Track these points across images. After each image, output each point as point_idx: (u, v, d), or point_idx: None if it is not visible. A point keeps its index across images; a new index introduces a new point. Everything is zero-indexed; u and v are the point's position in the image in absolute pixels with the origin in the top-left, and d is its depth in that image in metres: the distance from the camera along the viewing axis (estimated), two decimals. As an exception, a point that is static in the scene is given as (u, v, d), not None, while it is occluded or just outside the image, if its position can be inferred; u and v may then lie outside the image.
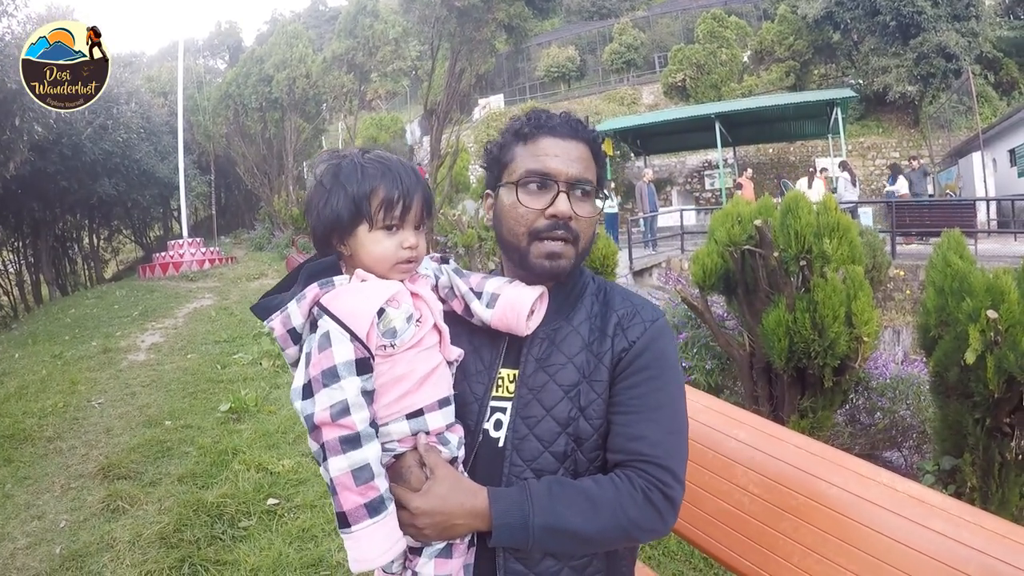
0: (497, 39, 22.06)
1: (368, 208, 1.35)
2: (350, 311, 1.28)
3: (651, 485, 1.35)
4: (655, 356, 1.45)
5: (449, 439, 1.40)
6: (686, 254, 15.66)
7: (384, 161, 1.40)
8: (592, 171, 1.50)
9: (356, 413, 1.25)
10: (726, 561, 1.85)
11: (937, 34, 24.36)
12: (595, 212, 1.50)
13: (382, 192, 1.35)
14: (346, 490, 1.24)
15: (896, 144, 26.71)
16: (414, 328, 1.36)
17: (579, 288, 1.57)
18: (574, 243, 1.46)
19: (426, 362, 1.38)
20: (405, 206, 1.36)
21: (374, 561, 1.25)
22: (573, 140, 1.48)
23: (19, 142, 14.02)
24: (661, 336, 1.49)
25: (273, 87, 25.56)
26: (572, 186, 1.45)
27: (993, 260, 9.57)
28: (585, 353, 1.46)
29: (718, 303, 5.15)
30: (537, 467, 1.41)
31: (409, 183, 1.38)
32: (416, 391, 1.36)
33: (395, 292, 1.35)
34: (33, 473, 5.14)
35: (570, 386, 1.44)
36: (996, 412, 2.97)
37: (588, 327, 1.50)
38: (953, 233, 3.39)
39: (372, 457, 1.26)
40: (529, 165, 1.46)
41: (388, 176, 1.37)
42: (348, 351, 1.26)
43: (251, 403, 6.46)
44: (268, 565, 3.58)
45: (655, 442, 1.38)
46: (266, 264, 21.12)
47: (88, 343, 10.45)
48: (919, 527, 1.49)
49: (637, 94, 36.05)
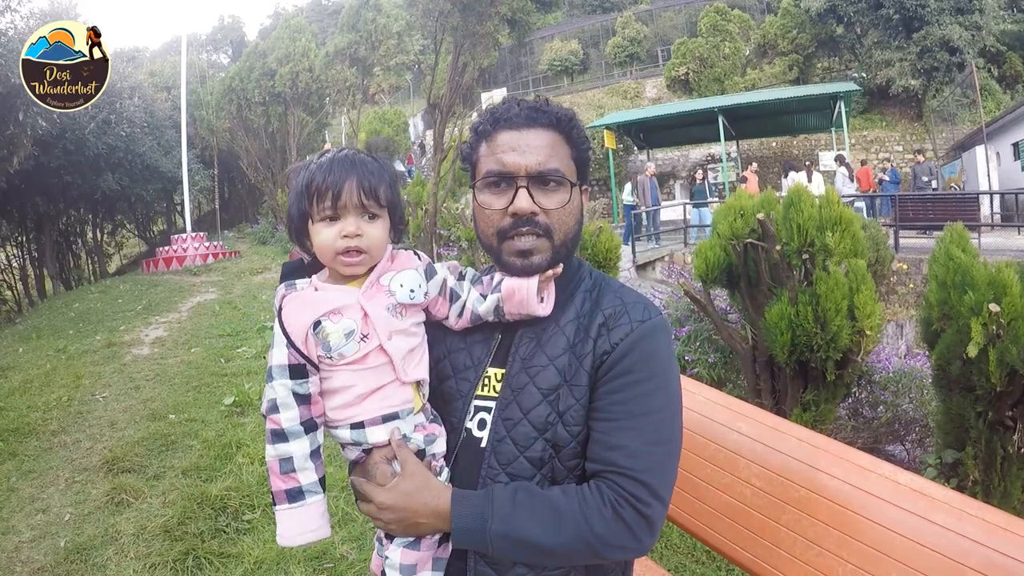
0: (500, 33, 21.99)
1: (308, 202, 1.37)
2: (289, 320, 1.35)
3: (622, 499, 1.28)
4: (640, 358, 1.37)
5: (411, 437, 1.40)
6: (689, 248, 15.64)
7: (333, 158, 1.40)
8: (560, 157, 1.43)
9: (283, 412, 1.34)
10: (728, 554, 1.85)
11: (940, 28, 24.27)
12: (567, 201, 1.42)
13: (313, 185, 1.36)
14: (272, 474, 1.37)
15: (899, 138, 26.65)
16: (356, 345, 1.35)
17: (572, 285, 1.51)
18: (547, 236, 1.41)
19: (369, 380, 1.38)
20: (335, 194, 1.35)
21: (291, 540, 1.36)
22: (531, 128, 1.42)
23: (23, 137, 14.02)
24: (650, 337, 1.40)
25: (276, 81, 25.52)
26: (533, 179, 1.40)
27: (996, 254, 9.57)
28: (568, 355, 1.40)
29: (721, 296, 5.15)
30: (512, 471, 1.37)
31: (339, 172, 1.37)
32: (356, 404, 1.38)
33: (338, 305, 1.36)
34: (37, 467, 5.16)
35: (549, 389, 1.39)
36: (998, 406, 2.97)
37: (575, 327, 1.43)
38: (956, 226, 3.39)
39: (296, 452, 1.35)
40: (489, 164, 1.43)
41: (322, 169, 1.38)
42: (283, 355, 1.35)
43: (255, 396, 6.48)
44: (272, 558, 3.60)
45: (632, 453, 1.31)
46: (269, 258, 21.11)
47: (92, 337, 10.46)
48: (921, 520, 1.49)
49: (640, 88, 35.99)
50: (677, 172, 29.78)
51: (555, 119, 1.43)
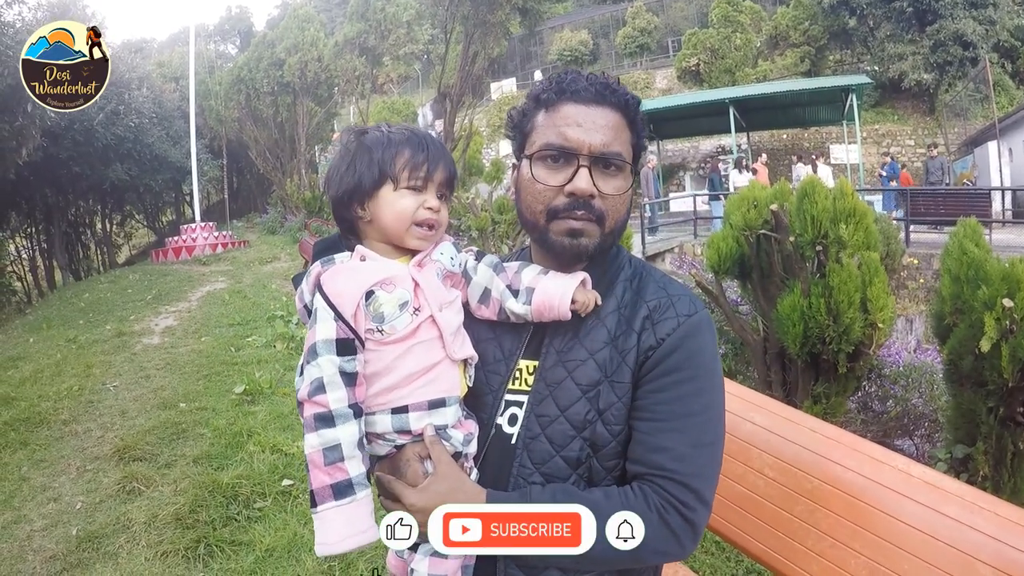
0: (511, 22, 21.97)
1: (393, 169, 1.34)
2: (337, 291, 1.27)
3: (668, 504, 1.22)
4: (687, 356, 1.29)
5: (452, 435, 1.33)
6: (699, 239, 15.60)
7: (411, 129, 1.39)
8: (622, 141, 1.34)
9: (331, 392, 1.23)
10: (740, 544, 1.85)
11: (954, 22, 24.15)
12: (624, 188, 1.34)
13: (407, 153, 1.34)
14: (315, 468, 1.23)
15: (911, 132, 26.55)
16: (409, 316, 1.29)
17: (612, 273, 1.42)
18: (599, 222, 1.32)
19: (419, 357, 1.31)
20: (430, 169, 1.34)
21: (334, 546, 1.23)
22: (599, 106, 1.32)
23: (31, 128, 14.07)
24: (697, 333, 1.31)
25: (285, 71, 25.54)
26: (596, 159, 1.30)
27: (1008, 250, 9.50)
28: (609, 349, 1.32)
29: (732, 288, 5.14)
30: (547, 471, 1.30)
31: (435, 150, 1.37)
32: (404, 386, 1.30)
33: (391, 275, 1.31)
34: (49, 456, 5.18)
35: (589, 385, 1.30)
36: (1010, 401, 2.96)
37: (616, 319, 1.34)
38: (969, 221, 3.36)
39: (345, 438, 1.23)
40: (548, 136, 1.33)
41: (414, 139, 1.36)
42: (330, 330, 1.25)
43: (265, 385, 6.50)
44: (283, 545, 3.61)
45: (679, 456, 1.24)
46: (279, 248, 21.16)
47: (102, 327, 10.51)
48: (933, 512, 1.49)
49: (650, 78, 35.88)
50: (687, 163, 29.71)
51: (624, 101, 1.35)
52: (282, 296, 12.34)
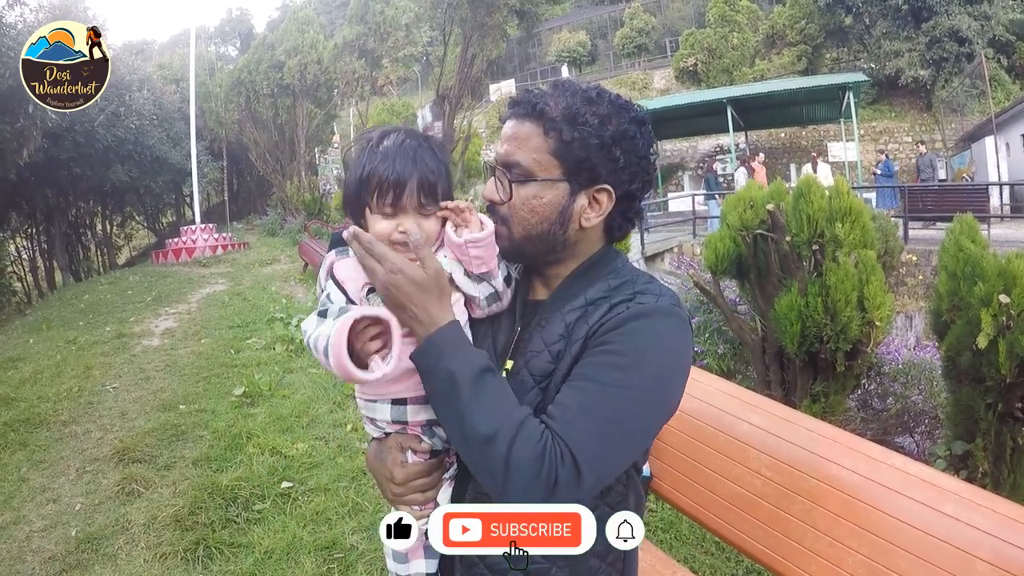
0: (508, 24, 21.96)
1: (366, 192, 1.35)
2: (348, 277, 1.33)
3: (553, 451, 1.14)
4: (623, 333, 1.25)
5: (437, 432, 1.37)
6: (698, 239, 15.61)
7: (395, 146, 1.36)
8: (528, 149, 1.35)
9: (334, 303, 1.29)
10: (738, 544, 1.85)
11: (949, 18, 24.14)
12: (532, 195, 1.36)
13: (375, 179, 1.33)
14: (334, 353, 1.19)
15: (908, 128, 26.55)
16: None
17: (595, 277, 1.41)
18: (506, 225, 1.38)
19: None
20: (396, 193, 1.32)
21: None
22: (512, 119, 1.40)
23: (32, 129, 14.07)
24: (644, 317, 1.27)
25: (285, 73, 25.56)
26: (501, 169, 1.38)
27: (1006, 245, 9.49)
28: (563, 341, 1.32)
29: (730, 287, 5.14)
30: None
31: (402, 170, 1.32)
32: (404, 380, 1.33)
33: None
34: (48, 457, 5.18)
35: (541, 376, 1.31)
36: (1008, 397, 2.96)
37: (577, 315, 1.34)
38: (966, 217, 3.37)
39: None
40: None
41: (385, 162, 1.33)
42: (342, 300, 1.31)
43: (265, 387, 6.50)
44: (282, 548, 3.61)
45: (567, 412, 1.19)
46: (279, 250, 21.16)
47: (102, 328, 10.51)
48: (931, 510, 1.49)
49: (648, 79, 35.91)
50: (686, 163, 29.72)
51: (531, 108, 1.36)
52: (282, 298, 12.36)
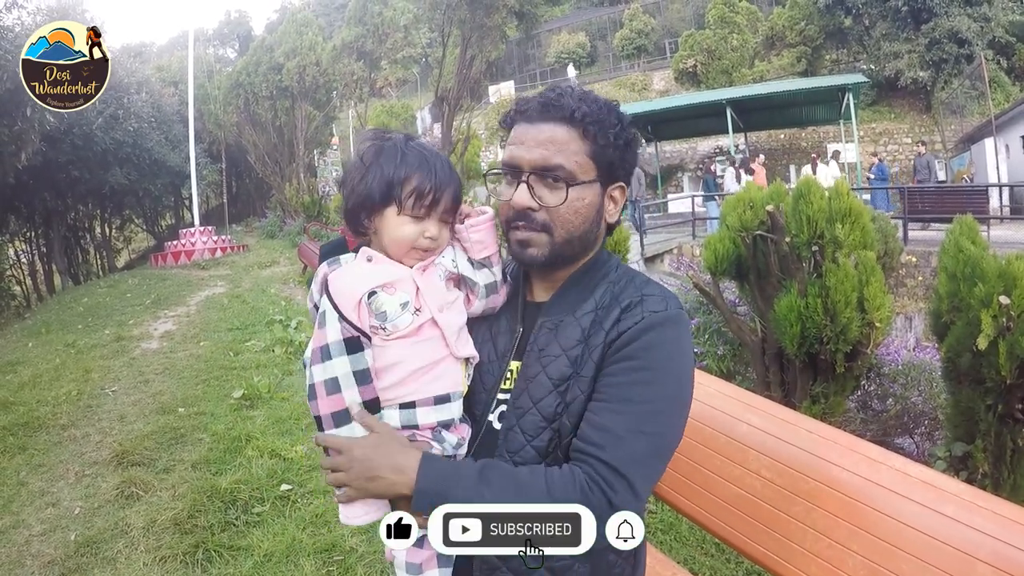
0: (508, 25, 21.97)
1: (400, 192, 1.37)
2: (340, 291, 1.32)
3: (593, 483, 1.22)
4: (644, 347, 1.32)
5: (446, 437, 1.38)
6: (697, 240, 15.60)
7: (424, 151, 1.42)
8: (567, 153, 1.37)
9: (346, 390, 1.30)
10: (737, 545, 1.84)
11: (949, 19, 24.19)
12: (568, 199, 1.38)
13: (415, 180, 1.37)
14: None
15: (908, 130, 26.60)
16: (410, 316, 1.34)
17: (596, 278, 1.47)
18: (546, 231, 1.39)
19: (423, 355, 1.36)
20: (435, 199, 1.38)
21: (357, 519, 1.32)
22: (543, 122, 1.39)
23: (31, 132, 14.07)
24: (659, 327, 1.34)
25: (283, 75, 25.58)
26: (537, 174, 1.37)
27: (1006, 246, 9.48)
28: (581, 347, 1.37)
29: (730, 289, 5.13)
30: (519, 460, 1.35)
31: (443, 177, 1.39)
32: (410, 382, 1.36)
33: (393, 278, 1.36)
34: (47, 461, 5.18)
35: (559, 380, 1.36)
36: (1008, 398, 2.95)
37: (591, 319, 1.39)
38: (965, 219, 3.36)
39: (361, 435, 1.31)
40: (504, 156, 1.43)
41: (425, 167, 1.38)
42: (336, 331, 1.30)
43: (264, 390, 6.50)
44: (281, 550, 3.61)
45: (614, 437, 1.26)
46: (278, 252, 21.16)
47: (101, 332, 10.50)
48: (931, 512, 1.48)
49: (648, 80, 35.99)
50: (685, 164, 29.74)
51: (569, 113, 1.38)
52: (281, 300, 12.35)
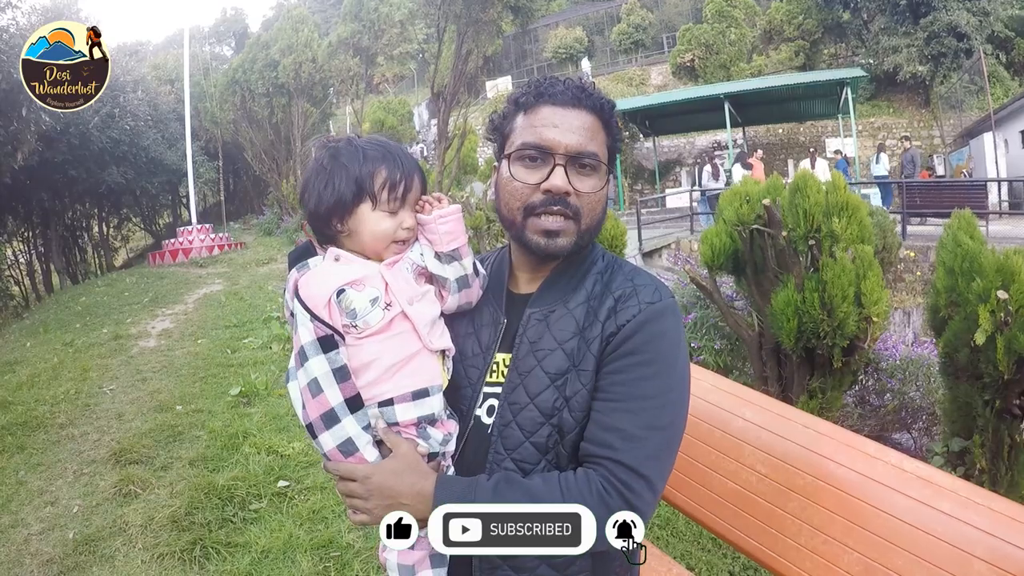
0: (504, 20, 21.97)
1: (371, 187, 1.36)
2: (309, 292, 1.33)
3: (611, 487, 1.23)
4: (646, 340, 1.33)
5: (431, 434, 1.37)
6: (695, 235, 15.59)
7: (381, 144, 1.41)
8: (598, 142, 1.39)
9: (328, 389, 1.29)
10: (734, 541, 1.85)
11: (948, 13, 24.12)
12: (599, 187, 1.39)
13: (384, 172, 1.37)
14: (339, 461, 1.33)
15: (907, 124, 26.53)
16: (380, 312, 1.33)
17: (585, 268, 1.46)
18: (575, 219, 1.37)
19: (396, 350, 1.35)
20: (407, 187, 1.38)
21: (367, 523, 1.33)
22: (575, 109, 1.38)
23: (27, 132, 14.01)
24: (658, 318, 1.35)
25: (279, 72, 25.48)
26: (571, 159, 1.36)
27: (1004, 241, 9.49)
28: (577, 339, 1.37)
29: (727, 283, 5.13)
30: (518, 457, 1.35)
31: (408, 164, 1.40)
32: (385, 379, 1.35)
33: (361, 275, 1.35)
34: (46, 459, 5.17)
35: (557, 374, 1.35)
36: (1006, 394, 2.95)
37: (584, 310, 1.39)
38: (963, 213, 3.36)
39: (352, 431, 1.30)
40: (526, 137, 1.38)
41: (388, 158, 1.38)
42: (309, 331, 1.31)
43: (261, 387, 6.50)
44: (279, 547, 3.61)
45: (629, 437, 1.26)
46: (275, 249, 21.11)
47: (99, 330, 10.49)
48: (927, 508, 1.48)
49: (645, 75, 35.91)
50: (683, 159, 29.71)
51: (599, 104, 1.41)
52: (278, 298, 12.32)
